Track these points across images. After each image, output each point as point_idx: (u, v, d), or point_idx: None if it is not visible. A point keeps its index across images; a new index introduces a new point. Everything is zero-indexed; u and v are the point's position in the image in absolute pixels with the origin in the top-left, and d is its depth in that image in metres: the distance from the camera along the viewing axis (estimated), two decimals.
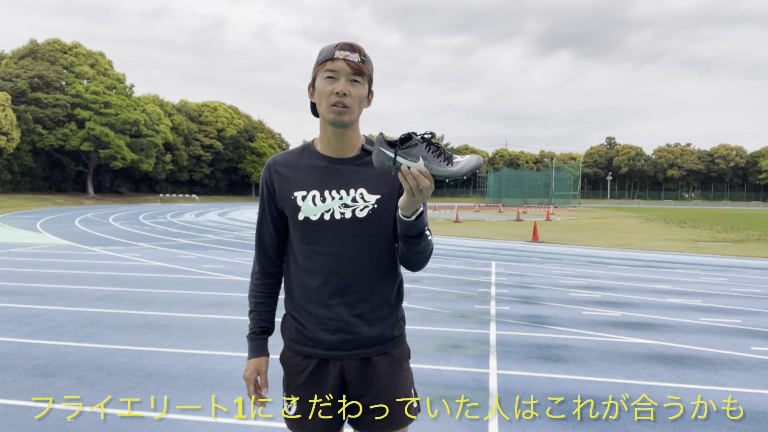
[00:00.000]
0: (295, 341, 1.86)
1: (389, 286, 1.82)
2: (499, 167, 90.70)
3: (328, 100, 1.70)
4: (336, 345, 1.77)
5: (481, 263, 11.56)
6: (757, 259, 13.43)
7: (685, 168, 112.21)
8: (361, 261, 1.75)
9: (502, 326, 6.13)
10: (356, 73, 1.70)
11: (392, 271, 1.82)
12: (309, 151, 1.84)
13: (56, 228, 20.20)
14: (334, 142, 1.78)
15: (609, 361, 4.90)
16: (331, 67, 1.70)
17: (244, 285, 8.50)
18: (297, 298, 1.83)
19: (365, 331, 1.77)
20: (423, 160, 1.52)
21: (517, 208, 43.35)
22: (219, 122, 72.57)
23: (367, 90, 1.76)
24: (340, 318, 1.76)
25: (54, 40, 54.99)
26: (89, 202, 50.02)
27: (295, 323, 1.85)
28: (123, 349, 5.06)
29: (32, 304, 7.00)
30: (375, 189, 1.76)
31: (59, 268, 10.16)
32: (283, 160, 1.85)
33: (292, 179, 1.80)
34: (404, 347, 1.88)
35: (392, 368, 1.81)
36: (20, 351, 4.97)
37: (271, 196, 1.84)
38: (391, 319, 1.83)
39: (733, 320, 6.65)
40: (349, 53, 1.70)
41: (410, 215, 1.59)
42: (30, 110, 48.66)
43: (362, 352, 1.78)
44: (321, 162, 1.80)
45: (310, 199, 1.76)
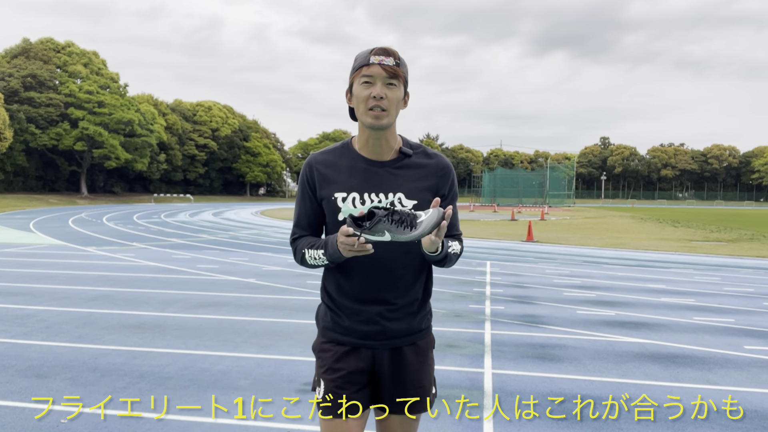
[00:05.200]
0: (329, 329, 1.93)
1: (420, 284, 1.93)
2: (494, 167, 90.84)
3: (365, 104, 1.77)
4: (369, 335, 1.87)
5: (476, 263, 11.58)
6: (749, 258, 13.51)
7: (679, 168, 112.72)
8: (395, 262, 1.85)
9: (497, 326, 6.14)
10: (392, 76, 1.76)
11: (423, 270, 1.93)
12: (349, 151, 1.90)
13: (50, 228, 20.10)
14: (373, 144, 1.85)
15: (603, 360, 4.92)
16: (367, 72, 1.76)
17: (239, 285, 8.48)
18: (332, 292, 1.92)
19: (397, 324, 1.88)
20: (388, 234, 1.63)
21: (512, 208, 43.42)
22: (213, 122, 72.38)
23: (403, 92, 1.82)
24: (374, 312, 1.86)
25: (47, 39, 54.70)
26: (83, 201, 49.79)
27: (330, 313, 1.93)
28: (117, 350, 5.04)
29: (25, 304, 6.96)
30: (412, 195, 1.86)
31: (52, 268, 10.10)
32: (324, 159, 1.90)
33: (333, 180, 1.87)
34: (430, 338, 2.01)
35: (418, 357, 1.93)
36: (13, 352, 4.95)
37: (312, 193, 1.90)
38: (421, 314, 1.94)
39: (726, 319, 6.68)
40: (383, 57, 1.76)
41: (433, 251, 1.74)
42: (23, 109, 48.39)
43: (392, 343, 1.89)
44: (361, 164, 1.87)
45: (350, 200, 1.84)
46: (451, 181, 1.95)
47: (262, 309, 6.86)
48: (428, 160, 1.92)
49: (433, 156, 1.93)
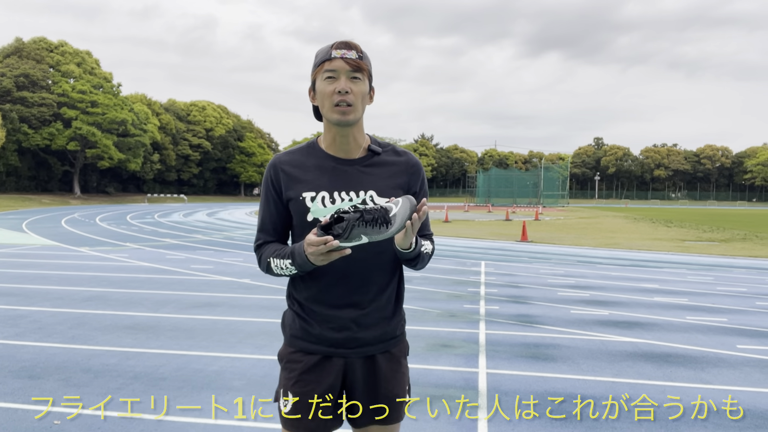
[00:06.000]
0: (298, 337, 1.83)
1: (393, 287, 1.85)
2: (488, 167, 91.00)
3: (330, 100, 1.70)
4: (341, 342, 1.78)
5: (470, 263, 11.60)
6: (742, 258, 13.59)
7: (672, 168, 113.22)
8: (369, 263, 1.76)
9: (492, 325, 6.15)
10: (355, 69, 1.69)
11: (396, 272, 1.86)
12: (315, 150, 1.82)
13: (42, 228, 19.99)
14: (341, 142, 1.78)
15: (597, 360, 4.94)
16: (329, 67, 1.69)
17: (233, 285, 8.46)
18: (302, 297, 1.82)
19: (371, 330, 1.80)
20: (365, 237, 1.57)
21: (507, 208, 43.51)
22: (207, 122, 72.18)
23: (368, 86, 1.76)
24: (347, 317, 1.77)
25: (40, 39, 54.40)
26: (76, 202, 49.54)
27: (299, 320, 1.83)
28: (110, 351, 5.01)
29: (18, 305, 6.92)
30: (384, 193, 1.78)
31: (45, 268, 10.05)
32: (290, 159, 1.82)
33: (300, 179, 1.78)
34: (404, 344, 1.93)
35: (392, 365, 1.85)
36: (6, 352, 4.92)
37: (278, 195, 1.82)
38: (395, 319, 1.87)
39: (719, 319, 6.72)
40: (345, 51, 1.69)
41: (407, 248, 1.69)
42: (15, 109, 48.10)
43: (366, 350, 1.81)
44: (329, 162, 1.79)
45: (320, 200, 1.75)
46: (422, 179, 1.89)
47: (257, 309, 6.84)
48: (398, 158, 1.86)
49: (403, 154, 1.87)
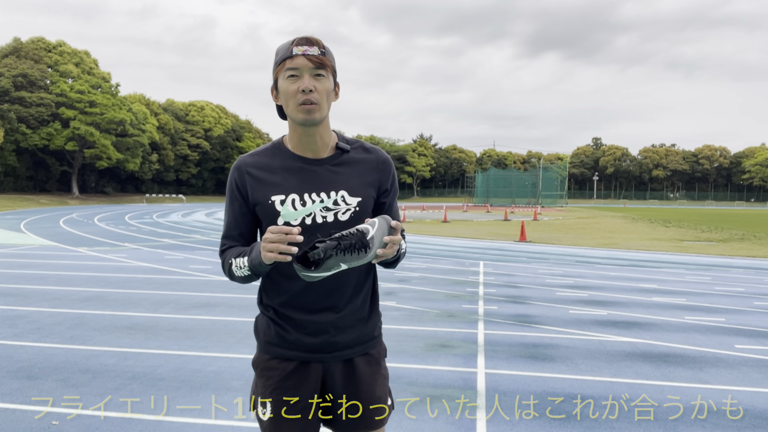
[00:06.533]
0: (273, 344, 1.77)
1: (368, 287, 1.82)
2: (487, 167, 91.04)
3: (294, 99, 1.63)
4: (319, 347, 1.74)
5: (469, 263, 11.60)
6: (740, 258, 13.60)
7: (670, 168, 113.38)
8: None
9: (490, 325, 6.16)
10: (319, 66, 1.63)
11: (370, 272, 1.83)
12: (281, 151, 1.75)
13: (40, 228, 19.96)
14: (307, 141, 1.72)
15: (595, 360, 4.94)
16: (291, 65, 1.62)
17: (232, 285, 8.45)
18: (276, 302, 1.76)
19: (348, 333, 1.76)
20: (344, 264, 1.54)
21: (505, 208, 43.53)
22: (206, 122, 72.14)
23: (332, 83, 1.69)
24: (323, 321, 1.73)
25: (38, 39, 54.34)
26: (74, 202, 49.47)
27: (274, 326, 1.76)
28: (109, 351, 5.01)
29: (16, 305, 6.91)
30: (356, 191, 1.73)
31: (44, 269, 10.04)
32: (255, 161, 1.74)
33: (267, 182, 1.71)
34: (381, 346, 1.89)
35: (371, 368, 1.82)
36: (4, 353, 4.91)
37: (243, 199, 1.74)
38: (372, 320, 1.83)
39: (717, 319, 6.73)
40: (307, 47, 1.62)
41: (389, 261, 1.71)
42: (14, 109, 48.04)
43: (344, 354, 1.77)
44: (296, 163, 1.73)
45: (290, 203, 1.69)
46: (393, 176, 1.84)
47: (255, 309, 6.83)
48: (368, 155, 1.80)
49: (372, 150, 1.81)
